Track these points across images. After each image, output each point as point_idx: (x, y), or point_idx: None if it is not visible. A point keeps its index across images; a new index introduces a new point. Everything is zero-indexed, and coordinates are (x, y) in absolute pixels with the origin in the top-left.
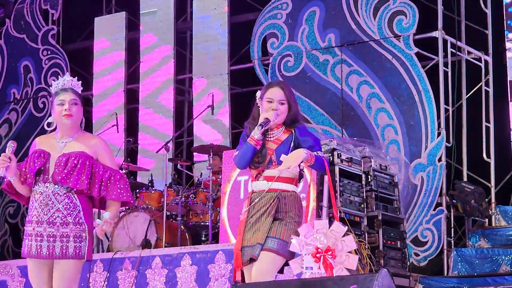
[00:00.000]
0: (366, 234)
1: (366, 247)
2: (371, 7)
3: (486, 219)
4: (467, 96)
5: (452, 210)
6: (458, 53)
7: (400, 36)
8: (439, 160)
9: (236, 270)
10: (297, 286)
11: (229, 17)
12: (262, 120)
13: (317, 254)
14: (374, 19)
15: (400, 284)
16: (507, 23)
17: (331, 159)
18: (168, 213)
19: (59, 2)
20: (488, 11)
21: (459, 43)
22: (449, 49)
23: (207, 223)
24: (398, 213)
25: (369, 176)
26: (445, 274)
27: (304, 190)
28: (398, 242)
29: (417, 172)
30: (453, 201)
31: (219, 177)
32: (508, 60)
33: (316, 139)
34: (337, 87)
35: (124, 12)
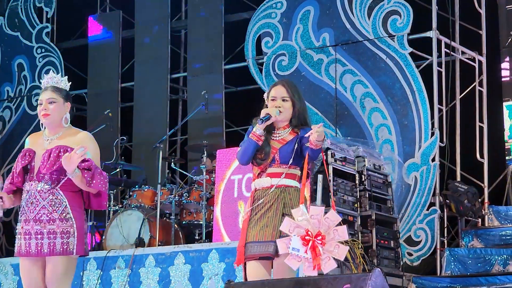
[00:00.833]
0: (360, 234)
1: (360, 247)
2: (366, 7)
3: (479, 219)
4: (461, 96)
5: (445, 210)
6: (452, 53)
7: (394, 36)
8: (433, 160)
9: (237, 266)
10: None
11: (224, 16)
12: (263, 115)
13: (306, 237)
14: (369, 19)
15: (393, 284)
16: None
17: (325, 159)
18: (162, 212)
19: (54, 0)
20: (482, 12)
21: (453, 43)
22: (443, 49)
23: (201, 222)
24: (392, 213)
25: (363, 176)
26: (438, 274)
27: None
28: (392, 242)
29: (411, 172)
30: (446, 201)
31: (213, 176)
32: None
33: None
34: (331, 87)
35: (119, 10)
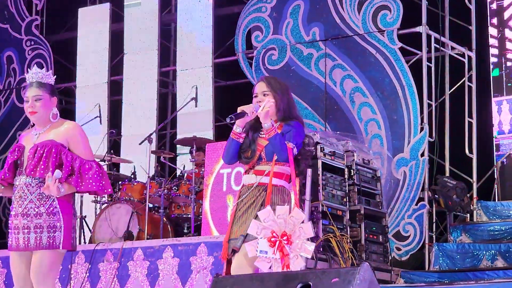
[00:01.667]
0: (348, 228)
1: (348, 241)
2: (356, 2)
3: (468, 214)
4: (450, 92)
5: (434, 205)
6: (442, 49)
7: (384, 31)
8: (422, 155)
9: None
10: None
11: (214, 10)
12: (237, 112)
13: (272, 238)
14: (359, 14)
15: (382, 278)
16: None
17: (314, 153)
18: (151, 205)
19: None
20: (472, 7)
21: (443, 39)
22: (433, 45)
23: (190, 216)
24: (380, 208)
25: (352, 170)
26: (427, 269)
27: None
28: (380, 237)
29: (400, 167)
30: (435, 196)
31: (202, 170)
32: None
33: (296, 135)
34: (321, 81)
35: (108, 3)
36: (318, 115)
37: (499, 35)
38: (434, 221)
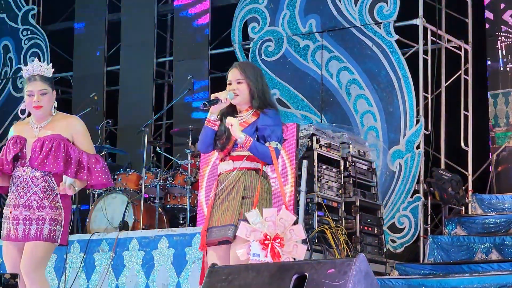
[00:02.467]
0: (343, 220)
1: (343, 233)
2: None
3: (463, 207)
4: (446, 84)
5: (429, 198)
6: (438, 41)
7: (381, 23)
8: (417, 148)
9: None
10: (275, 269)
11: (210, 1)
12: (211, 99)
13: (265, 241)
14: (355, 6)
15: (376, 270)
16: None
17: (310, 144)
18: (146, 196)
19: None
20: (469, 0)
21: (440, 31)
22: (429, 37)
23: (185, 206)
24: (376, 200)
25: (347, 162)
26: (421, 261)
27: (283, 174)
28: (375, 229)
29: (395, 159)
30: (430, 189)
31: (198, 160)
32: None
33: (276, 129)
34: (317, 73)
35: None
36: (314, 107)
37: (495, 28)
38: (429, 214)
